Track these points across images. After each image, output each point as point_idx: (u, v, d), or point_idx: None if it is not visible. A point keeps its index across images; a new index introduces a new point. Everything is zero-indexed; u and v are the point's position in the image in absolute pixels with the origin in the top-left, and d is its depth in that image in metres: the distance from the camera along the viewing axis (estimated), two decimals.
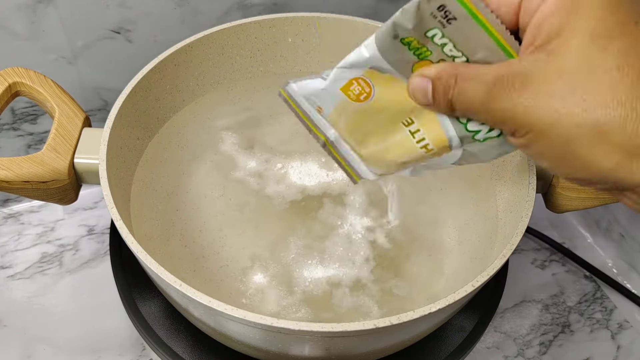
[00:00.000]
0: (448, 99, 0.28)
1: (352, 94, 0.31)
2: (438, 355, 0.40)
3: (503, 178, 0.43)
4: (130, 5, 0.49)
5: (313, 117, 0.34)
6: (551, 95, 0.24)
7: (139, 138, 0.44)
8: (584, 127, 0.23)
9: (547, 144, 0.25)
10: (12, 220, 0.57)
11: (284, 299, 0.41)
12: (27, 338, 0.49)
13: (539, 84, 0.24)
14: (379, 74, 0.30)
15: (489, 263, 0.33)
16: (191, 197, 0.46)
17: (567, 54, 0.24)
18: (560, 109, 0.24)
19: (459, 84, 0.27)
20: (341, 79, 0.31)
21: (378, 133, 0.33)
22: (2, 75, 0.40)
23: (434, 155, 0.32)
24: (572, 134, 0.24)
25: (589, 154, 0.24)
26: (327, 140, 0.34)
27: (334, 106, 0.32)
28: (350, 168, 0.35)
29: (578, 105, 0.23)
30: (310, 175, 0.48)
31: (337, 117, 0.33)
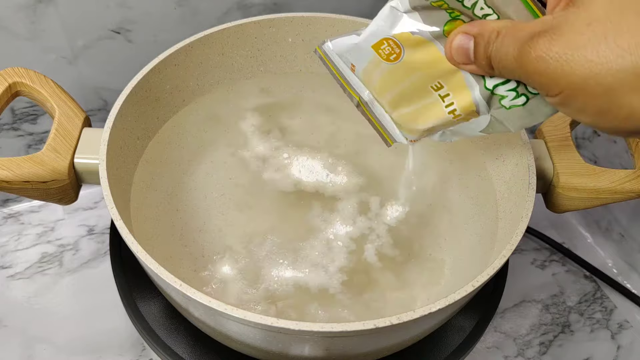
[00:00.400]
0: (488, 54, 0.27)
1: (383, 53, 0.31)
2: (438, 355, 0.40)
3: (503, 178, 0.43)
4: (130, 5, 0.49)
5: (347, 75, 0.34)
6: (583, 45, 0.23)
7: (139, 138, 0.44)
8: (622, 73, 0.23)
9: (586, 97, 0.24)
10: (12, 220, 0.57)
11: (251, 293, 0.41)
12: (27, 338, 0.49)
13: (568, 36, 0.24)
14: (409, 35, 0.30)
15: (489, 263, 0.33)
16: (191, 197, 0.46)
17: (593, 3, 0.24)
18: (595, 59, 0.23)
19: (498, 40, 0.27)
20: (374, 37, 0.31)
21: (408, 96, 0.33)
22: (2, 75, 0.40)
23: (461, 120, 0.32)
24: (611, 82, 0.23)
25: (634, 100, 0.23)
26: (360, 100, 0.35)
27: (366, 63, 0.32)
28: (384, 130, 0.36)
29: (612, 52, 0.23)
30: (311, 172, 0.48)
31: (369, 76, 0.33)
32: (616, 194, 0.41)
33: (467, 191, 0.46)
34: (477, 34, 0.28)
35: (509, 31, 0.26)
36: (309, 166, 0.48)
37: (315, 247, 0.44)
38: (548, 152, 0.42)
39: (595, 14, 0.23)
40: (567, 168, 0.41)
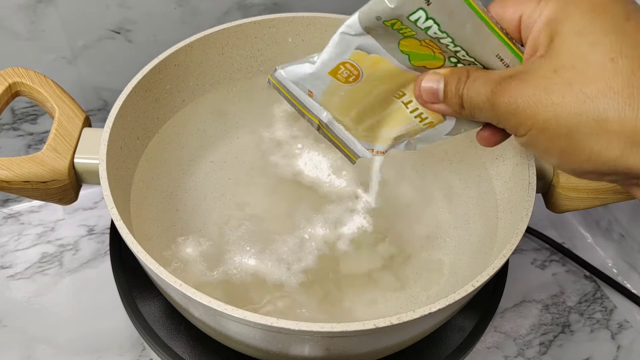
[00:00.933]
0: (459, 94, 0.28)
1: (342, 77, 0.31)
2: (438, 355, 0.40)
3: (503, 178, 0.43)
4: (130, 5, 0.49)
5: (304, 100, 0.34)
6: (549, 90, 0.25)
7: (139, 138, 0.44)
8: (584, 117, 0.24)
9: (550, 137, 0.25)
10: (12, 220, 0.57)
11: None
12: (27, 338, 0.49)
13: (536, 80, 0.25)
14: (365, 55, 0.30)
15: (489, 263, 0.33)
16: (191, 197, 0.46)
17: (561, 53, 0.25)
18: (559, 102, 0.25)
19: (469, 80, 0.28)
20: (329, 64, 0.31)
21: (371, 109, 0.33)
22: (2, 75, 0.40)
23: (428, 126, 0.32)
24: (573, 124, 0.24)
25: (593, 144, 0.24)
26: (320, 123, 0.34)
27: (325, 88, 0.32)
28: (347, 148, 0.36)
29: (576, 97, 0.24)
30: (315, 167, 0.48)
31: (329, 99, 0.33)
32: (616, 194, 0.41)
33: (467, 191, 0.46)
34: (447, 74, 0.29)
35: (481, 74, 0.28)
36: (316, 162, 0.48)
37: (287, 242, 0.44)
38: None
39: (562, 62, 0.25)
40: None
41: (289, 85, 0.33)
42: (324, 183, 0.47)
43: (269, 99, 0.51)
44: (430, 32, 0.28)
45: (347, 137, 0.35)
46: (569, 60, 0.25)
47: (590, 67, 0.24)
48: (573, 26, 0.25)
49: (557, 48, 0.25)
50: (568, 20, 0.25)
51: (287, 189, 0.47)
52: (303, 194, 0.47)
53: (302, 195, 0.47)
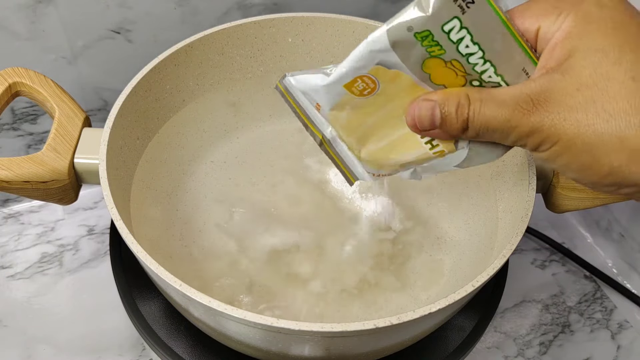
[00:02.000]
0: (464, 118, 0.28)
1: (356, 90, 0.30)
2: (438, 355, 0.40)
3: (503, 178, 0.43)
4: (130, 5, 0.49)
5: (310, 113, 0.33)
6: (574, 108, 0.26)
7: (139, 138, 0.44)
8: (607, 135, 0.25)
9: (573, 154, 0.26)
10: (12, 220, 0.57)
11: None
12: (27, 338, 0.49)
13: (562, 98, 0.26)
14: (385, 70, 0.29)
15: (489, 263, 0.33)
16: (191, 197, 0.46)
17: (582, 70, 0.26)
18: (583, 120, 0.25)
19: (473, 104, 0.28)
20: (346, 77, 0.30)
21: (380, 129, 0.32)
22: (2, 75, 0.40)
23: (438, 155, 0.31)
24: (596, 142, 0.25)
25: (614, 160, 0.25)
26: (323, 139, 0.33)
27: (335, 103, 0.31)
28: (346, 168, 0.35)
29: (599, 115, 0.25)
30: (344, 182, 0.46)
31: (337, 114, 0.32)
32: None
33: (466, 191, 0.46)
34: (442, 100, 0.29)
35: (487, 96, 0.28)
36: None
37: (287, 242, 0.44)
38: None
39: (584, 80, 0.26)
40: None
41: (297, 95, 0.32)
42: (343, 197, 0.47)
43: (269, 98, 0.51)
44: (462, 45, 0.27)
45: (348, 157, 0.34)
46: (591, 78, 0.25)
47: (612, 85, 0.25)
48: (593, 44, 0.26)
49: (578, 65, 0.26)
50: (588, 38, 0.26)
51: (307, 194, 0.47)
52: (319, 199, 0.47)
53: (318, 200, 0.47)
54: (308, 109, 0.33)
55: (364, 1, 0.57)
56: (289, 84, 0.32)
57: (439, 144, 0.31)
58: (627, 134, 0.25)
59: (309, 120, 0.33)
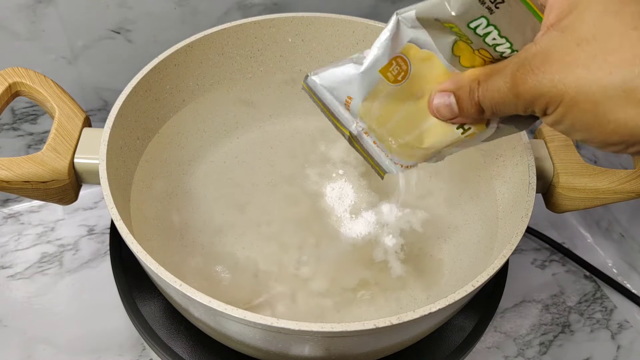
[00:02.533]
0: (475, 101, 0.28)
1: (391, 75, 0.30)
2: (438, 355, 0.40)
3: (503, 178, 0.43)
4: (130, 5, 0.49)
5: (335, 111, 0.33)
6: (574, 64, 0.25)
7: (139, 138, 0.44)
8: (611, 89, 0.24)
9: (577, 112, 0.25)
10: (12, 220, 0.57)
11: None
12: (27, 338, 0.49)
13: (560, 56, 0.25)
14: (417, 50, 0.29)
15: (489, 263, 0.33)
16: (191, 197, 0.46)
17: (582, 25, 0.25)
18: (585, 76, 0.24)
19: (482, 85, 0.28)
20: (381, 60, 0.30)
21: (412, 119, 0.32)
22: (2, 75, 0.40)
23: (469, 137, 0.31)
24: (600, 97, 0.24)
25: (621, 114, 0.24)
26: (351, 135, 0.33)
27: (369, 92, 0.31)
28: (375, 163, 0.35)
29: (601, 69, 0.24)
30: (339, 197, 0.46)
31: (370, 104, 0.31)
32: (616, 194, 0.41)
33: (467, 191, 0.46)
34: (455, 89, 0.29)
35: (491, 72, 0.28)
36: (343, 192, 0.47)
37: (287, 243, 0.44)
38: (548, 152, 0.42)
39: (583, 35, 0.25)
40: (567, 168, 0.41)
41: (322, 93, 0.32)
42: (334, 214, 0.46)
43: (269, 98, 0.51)
44: (489, 38, 0.27)
45: (375, 151, 0.34)
46: (590, 31, 0.24)
47: (613, 36, 0.24)
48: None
49: (577, 20, 0.25)
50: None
51: (290, 195, 0.47)
52: (312, 212, 0.46)
53: (311, 202, 0.47)
54: (333, 106, 0.32)
55: (364, 1, 0.57)
56: (312, 83, 0.32)
57: (470, 126, 0.30)
58: (633, 85, 0.23)
59: (335, 118, 0.33)
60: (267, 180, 0.48)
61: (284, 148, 0.50)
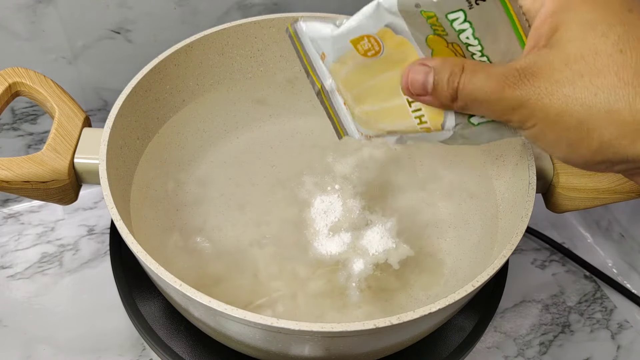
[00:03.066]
0: (454, 87, 0.28)
1: (361, 48, 0.31)
2: (438, 355, 0.40)
3: (503, 178, 0.43)
4: (130, 5, 0.49)
5: (314, 61, 0.33)
6: (561, 82, 0.25)
7: (139, 138, 0.44)
8: (595, 109, 0.25)
9: (560, 130, 0.26)
10: (12, 220, 0.57)
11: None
12: (27, 338, 0.49)
13: (548, 73, 0.25)
14: (392, 35, 0.29)
15: (489, 263, 0.33)
16: (191, 197, 0.46)
17: (569, 44, 0.25)
18: (571, 94, 0.25)
19: (466, 74, 0.28)
20: (354, 32, 0.30)
21: (376, 93, 0.32)
22: (2, 75, 0.40)
23: (425, 130, 0.32)
24: (584, 116, 0.25)
25: (605, 134, 0.25)
26: (322, 88, 0.34)
27: (339, 55, 0.32)
28: (339, 122, 0.35)
29: (587, 89, 0.25)
30: (326, 210, 0.45)
31: (340, 67, 0.32)
32: (616, 194, 0.41)
33: (467, 191, 0.46)
34: (437, 65, 0.29)
35: (480, 68, 0.28)
36: (332, 205, 0.45)
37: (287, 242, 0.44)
38: None
39: (572, 54, 0.25)
40: (567, 168, 0.41)
41: (305, 41, 0.33)
42: (312, 226, 0.44)
43: (269, 98, 0.51)
44: (463, 36, 0.28)
45: (342, 112, 0.34)
46: (578, 52, 0.25)
47: (600, 58, 0.25)
48: (579, 18, 0.25)
49: (565, 38, 0.26)
50: (574, 12, 0.26)
51: (283, 198, 0.47)
52: (291, 214, 0.46)
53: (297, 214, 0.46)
54: (313, 56, 0.33)
55: (364, 1, 0.57)
56: (299, 29, 0.33)
57: (427, 120, 0.31)
58: (617, 107, 0.24)
59: (311, 68, 0.34)
60: (267, 180, 0.48)
61: (284, 148, 0.50)
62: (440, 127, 0.31)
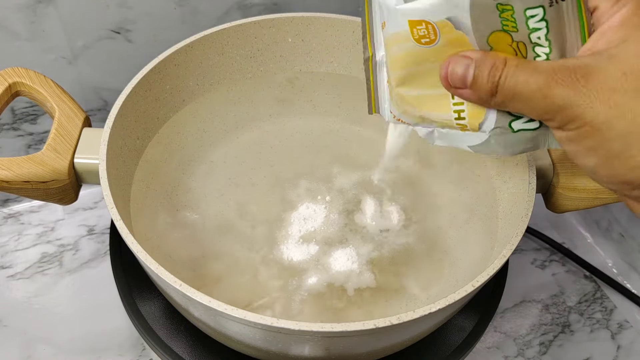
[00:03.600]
0: (494, 80, 0.27)
1: (417, 33, 0.29)
2: (438, 355, 0.40)
3: (503, 178, 0.43)
4: (130, 5, 0.49)
5: (375, 27, 0.32)
6: (615, 91, 0.24)
7: (139, 138, 0.44)
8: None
9: (601, 139, 0.25)
10: (12, 220, 0.57)
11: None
12: (27, 338, 0.49)
13: (603, 78, 0.25)
14: (451, 28, 0.28)
15: (489, 263, 0.33)
16: (191, 197, 0.46)
17: (632, 59, 0.25)
18: (622, 104, 0.24)
19: (508, 68, 0.27)
20: (415, 13, 0.29)
21: (422, 79, 0.31)
22: (2, 75, 0.40)
23: (460, 127, 0.31)
24: (630, 131, 0.24)
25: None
26: (372, 57, 0.33)
27: (396, 31, 0.30)
28: (375, 96, 0.34)
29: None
30: (304, 219, 0.44)
31: (393, 43, 0.31)
32: (616, 194, 0.41)
33: (467, 191, 0.46)
34: (478, 58, 0.28)
35: (526, 62, 0.27)
36: (315, 214, 0.45)
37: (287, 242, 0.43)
38: (548, 152, 0.42)
39: (631, 66, 0.25)
40: (567, 168, 0.41)
41: (374, 3, 0.31)
42: (285, 229, 0.44)
43: (269, 98, 0.51)
44: (534, 35, 0.27)
45: (382, 88, 0.33)
46: (637, 65, 0.24)
47: None
48: None
49: (629, 53, 0.25)
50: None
51: (295, 192, 0.47)
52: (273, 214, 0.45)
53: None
54: (376, 22, 0.32)
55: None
56: None
57: (466, 117, 0.30)
58: None
59: (370, 32, 0.33)
60: (267, 180, 0.48)
61: (284, 148, 0.50)
62: (477, 128, 0.30)
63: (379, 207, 0.45)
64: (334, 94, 0.51)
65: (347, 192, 0.46)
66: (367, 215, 0.44)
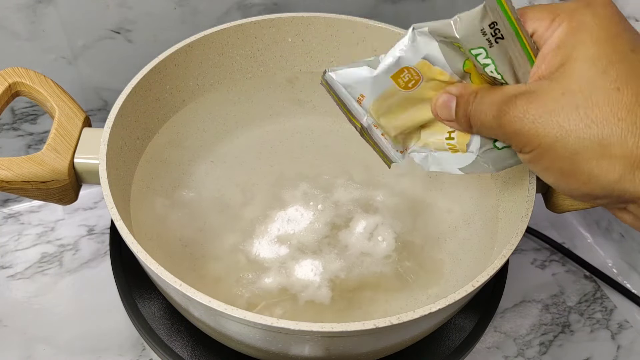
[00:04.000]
0: (467, 114, 0.30)
1: (402, 81, 0.32)
2: (438, 355, 0.40)
3: (503, 178, 0.43)
4: (130, 5, 0.49)
5: (349, 104, 0.35)
6: (556, 112, 0.26)
7: (139, 138, 0.44)
8: (588, 141, 0.25)
9: (553, 158, 0.27)
10: (12, 220, 0.57)
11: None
12: (27, 338, 0.49)
13: (544, 101, 0.27)
14: (429, 66, 0.31)
15: (489, 263, 0.33)
16: (191, 197, 0.46)
17: (570, 77, 0.26)
18: (565, 125, 0.26)
19: (476, 101, 0.30)
20: (394, 67, 0.32)
21: (417, 116, 0.34)
22: (2, 75, 0.40)
23: (450, 148, 0.34)
24: (576, 147, 0.26)
25: (594, 167, 0.26)
26: (362, 127, 0.36)
27: (381, 92, 0.33)
28: (383, 153, 0.37)
29: (581, 121, 0.25)
30: (288, 221, 0.44)
31: (381, 103, 0.34)
32: None
33: (467, 191, 0.46)
34: (458, 94, 0.31)
35: (486, 93, 0.29)
36: (300, 218, 0.44)
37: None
38: None
39: (570, 86, 0.26)
40: None
41: (338, 88, 0.34)
42: (264, 225, 0.44)
43: (269, 98, 0.51)
44: (487, 70, 0.29)
45: (383, 143, 0.36)
46: (577, 84, 0.26)
47: (597, 93, 0.25)
48: (584, 53, 0.26)
49: (567, 72, 0.26)
50: (580, 47, 0.26)
51: (295, 192, 0.47)
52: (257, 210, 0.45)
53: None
54: (347, 100, 0.35)
55: (364, 1, 0.57)
56: (330, 79, 0.34)
57: (455, 137, 0.33)
58: (609, 141, 0.25)
59: (348, 111, 0.35)
60: (267, 180, 0.48)
61: (284, 148, 0.50)
62: (465, 148, 0.33)
63: (369, 229, 0.44)
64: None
65: (342, 206, 0.46)
66: (354, 234, 0.44)
